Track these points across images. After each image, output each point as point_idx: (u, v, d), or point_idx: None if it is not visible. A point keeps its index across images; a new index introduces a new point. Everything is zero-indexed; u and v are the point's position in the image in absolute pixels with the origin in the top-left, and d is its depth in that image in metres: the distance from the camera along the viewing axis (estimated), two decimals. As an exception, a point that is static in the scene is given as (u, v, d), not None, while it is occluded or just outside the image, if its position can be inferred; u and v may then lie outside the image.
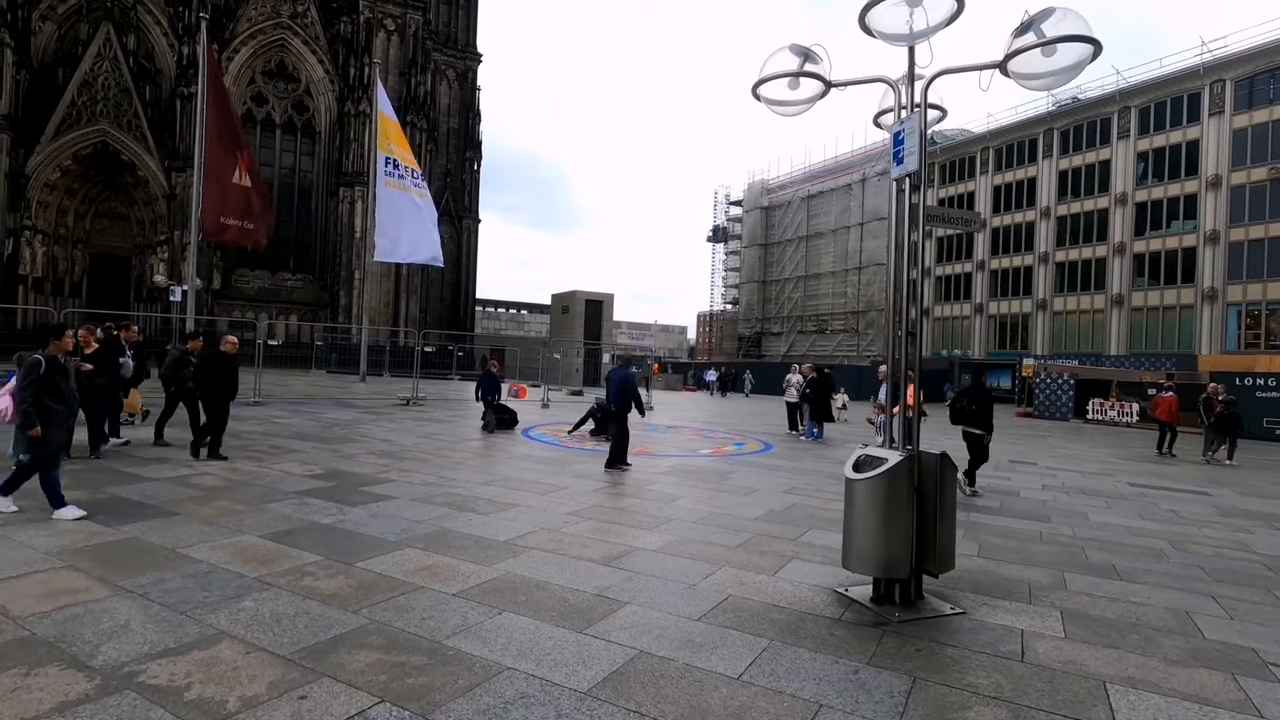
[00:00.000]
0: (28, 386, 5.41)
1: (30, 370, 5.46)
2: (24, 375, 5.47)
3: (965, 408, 8.87)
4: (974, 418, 8.77)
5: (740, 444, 13.01)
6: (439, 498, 6.95)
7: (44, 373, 5.48)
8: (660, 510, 6.91)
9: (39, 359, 5.51)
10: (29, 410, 5.37)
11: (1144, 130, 40.55)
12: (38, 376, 5.44)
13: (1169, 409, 15.19)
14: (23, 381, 5.45)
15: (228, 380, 8.64)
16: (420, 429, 12.66)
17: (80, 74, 31.73)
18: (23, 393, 5.41)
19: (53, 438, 5.52)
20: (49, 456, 5.54)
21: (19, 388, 5.47)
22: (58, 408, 5.54)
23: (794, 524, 6.60)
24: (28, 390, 5.40)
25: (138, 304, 34.42)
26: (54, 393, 5.53)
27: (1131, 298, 40.93)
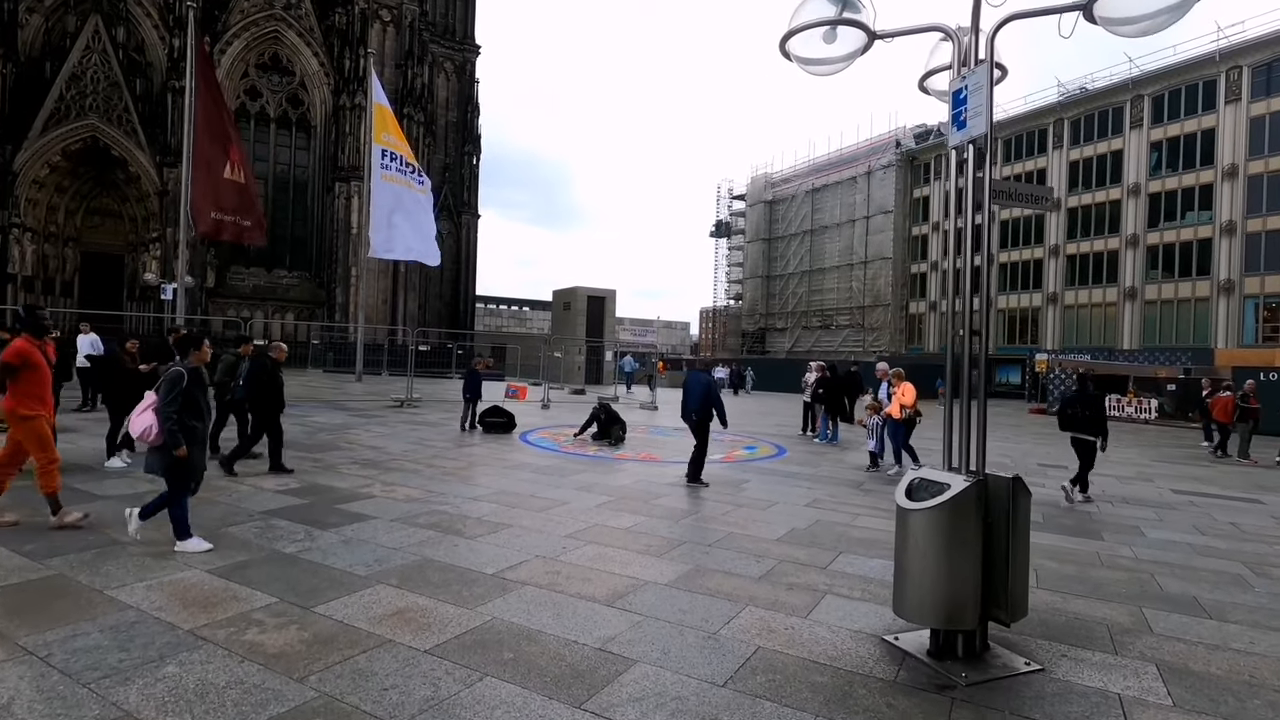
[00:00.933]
0: (172, 402, 4.87)
1: (174, 384, 4.92)
2: (168, 390, 4.91)
3: (1078, 414, 8.64)
4: (1085, 424, 8.54)
5: (752, 447, 12.28)
6: (423, 517, 6.22)
7: (186, 386, 4.95)
8: (671, 530, 6.18)
9: (181, 371, 4.98)
10: (175, 429, 4.85)
11: (1157, 119, 39.63)
12: (181, 391, 4.91)
13: (1225, 409, 14.43)
14: (167, 396, 4.89)
15: (280, 390, 8.14)
16: (412, 434, 11.94)
17: (68, 67, 30.97)
18: (167, 409, 4.85)
19: (195, 459, 5.06)
20: (190, 481, 5.12)
21: (163, 403, 4.90)
22: (198, 425, 5.06)
23: (821, 546, 5.86)
24: (172, 406, 4.86)
25: (130, 303, 33.74)
26: (194, 409, 5.04)
27: (1145, 291, 40.06)
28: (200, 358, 5.27)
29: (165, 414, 4.85)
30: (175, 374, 4.97)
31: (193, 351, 5.22)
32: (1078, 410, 8.65)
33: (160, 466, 4.96)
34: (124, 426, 8.19)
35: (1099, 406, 8.84)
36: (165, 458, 4.91)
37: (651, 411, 19.25)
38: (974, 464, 3.74)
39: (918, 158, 53.45)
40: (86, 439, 9.62)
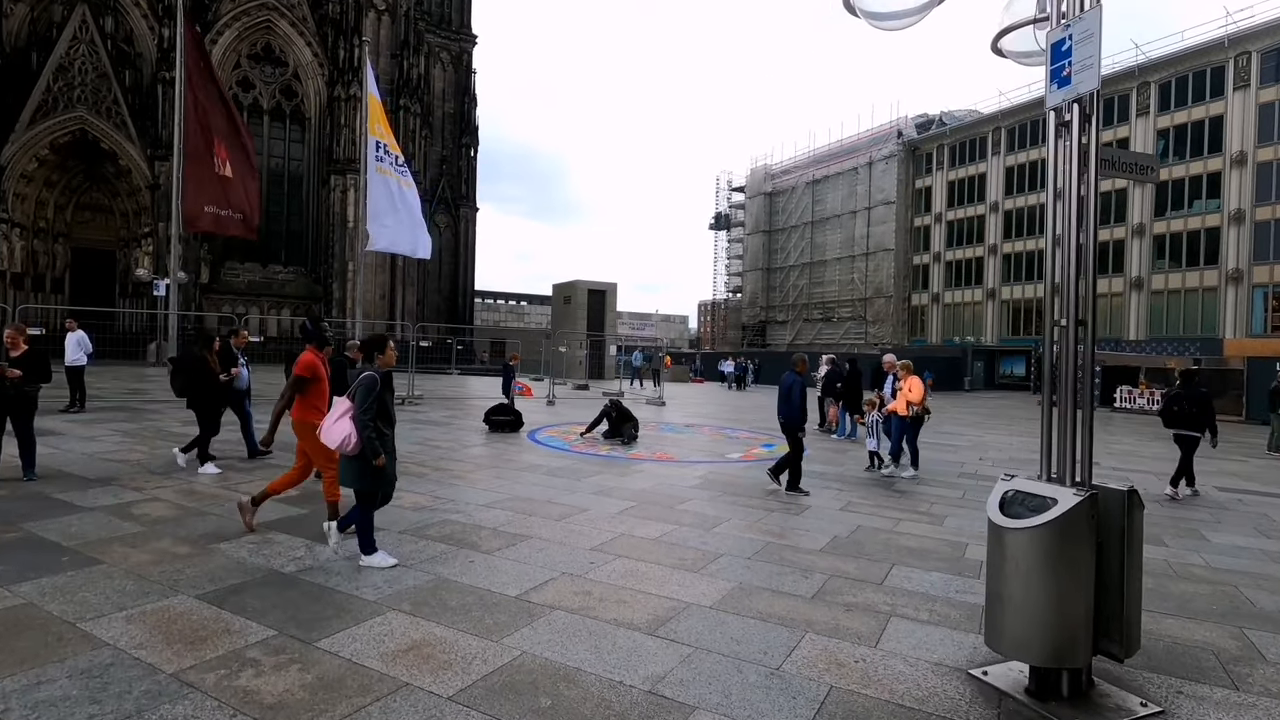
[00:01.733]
0: (369, 409, 4.54)
1: (369, 389, 4.58)
2: (364, 395, 4.57)
3: (1185, 410, 8.59)
4: (1192, 420, 8.53)
5: (770, 445, 11.79)
6: (434, 528, 5.72)
7: (379, 392, 4.63)
8: (704, 541, 5.68)
9: (375, 376, 4.64)
10: (373, 437, 4.54)
11: (1164, 107, 39.11)
12: (376, 396, 4.59)
13: None
14: (363, 403, 4.55)
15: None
16: (415, 434, 11.42)
17: (55, 58, 30.20)
18: (363, 416, 4.52)
19: (390, 468, 4.78)
20: (381, 491, 4.84)
21: (359, 410, 4.55)
22: (389, 433, 4.75)
23: (870, 558, 5.37)
24: (369, 414, 4.54)
25: (123, 299, 33.11)
26: (386, 416, 4.74)
27: (1152, 280, 39.64)
28: (386, 361, 4.85)
29: (362, 421, 4.50)
30: (369, 379, 4.61)
31: (377, 355, 4.82)
32: (1184, 407, 8.67)
33: (354, 476, 4.66)
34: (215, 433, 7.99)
35: (1207, 403, 8.74)
36: (362, 467, 4.59)
37: (659, 407, 18.75)
38: (1080, 474, 3.24)
39: (920, 148, 52.87)
40: (73, 442, 9.11)
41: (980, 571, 4.96)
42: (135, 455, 8.36)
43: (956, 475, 9.62)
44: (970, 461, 11.11)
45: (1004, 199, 47.05)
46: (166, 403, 14.11)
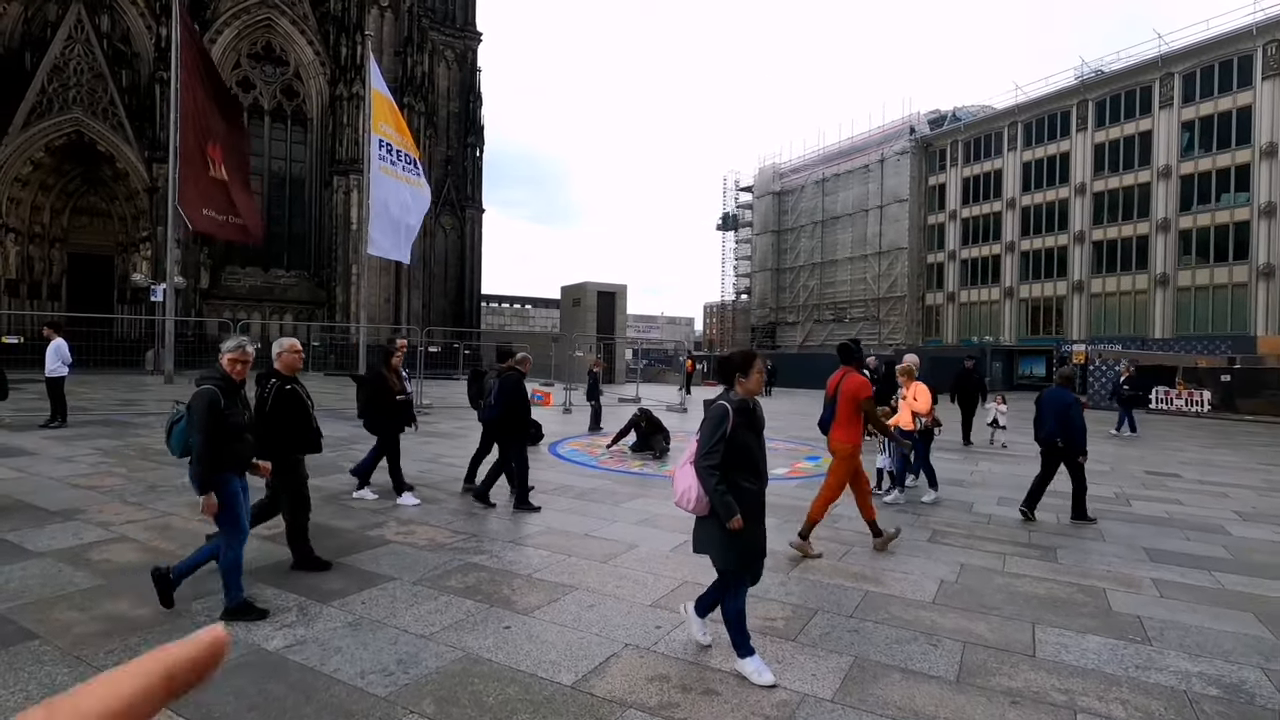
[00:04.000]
0: (713, 451, 3.26)
1: (716, 424, 3.31)
2: (709, 433, 3.31)
3: None
4: None
5: (814, 458, 10.75)
6: (456, 576, 4.69)
7: (732, 430, 3.30)
8: (786, 590, 4.64)
9: (725, 406, 3.37)
10: (722, 491, 3.23)
11: (1189, 98, 37.94)
12: (725, 435, 3.29)
13: None
14: (707, 443, 3.29)
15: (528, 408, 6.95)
16: (426, 449, 10.42)
17: (50, 58, 29.31)
18: (705, 461, 3.27)
19: (755, 536, 3.37)
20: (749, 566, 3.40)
21: (701, 453, 3.30)
22: (750, 486, 3.35)
23: (999, 613, 4.32)
24: (713, 458, 3.26)
25: (121, 305, 32.19)
26: (746, 462, 3.34)
27: (1178, 277, 38.44)
28: (749, 388, 3.49)
29: (704, 469, 3.23)
30: (718, 411, 3.34)
31: (739, 378, 3.49)
32: None
33: (710, 546, 3.35)
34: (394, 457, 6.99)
35: None
36: (716, 533, 3.29)
37: (681, 415, 17.71)
38: None
39: (933, 144, 51.79)
40: (44, 464, 8.11)
41: (1146, 632, 3.92)
42: (110, 480, 7.36)
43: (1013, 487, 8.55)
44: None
45: (1021, 195, 45.91)
46: (157, 415, 13.15)
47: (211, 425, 3.86)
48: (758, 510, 3.36)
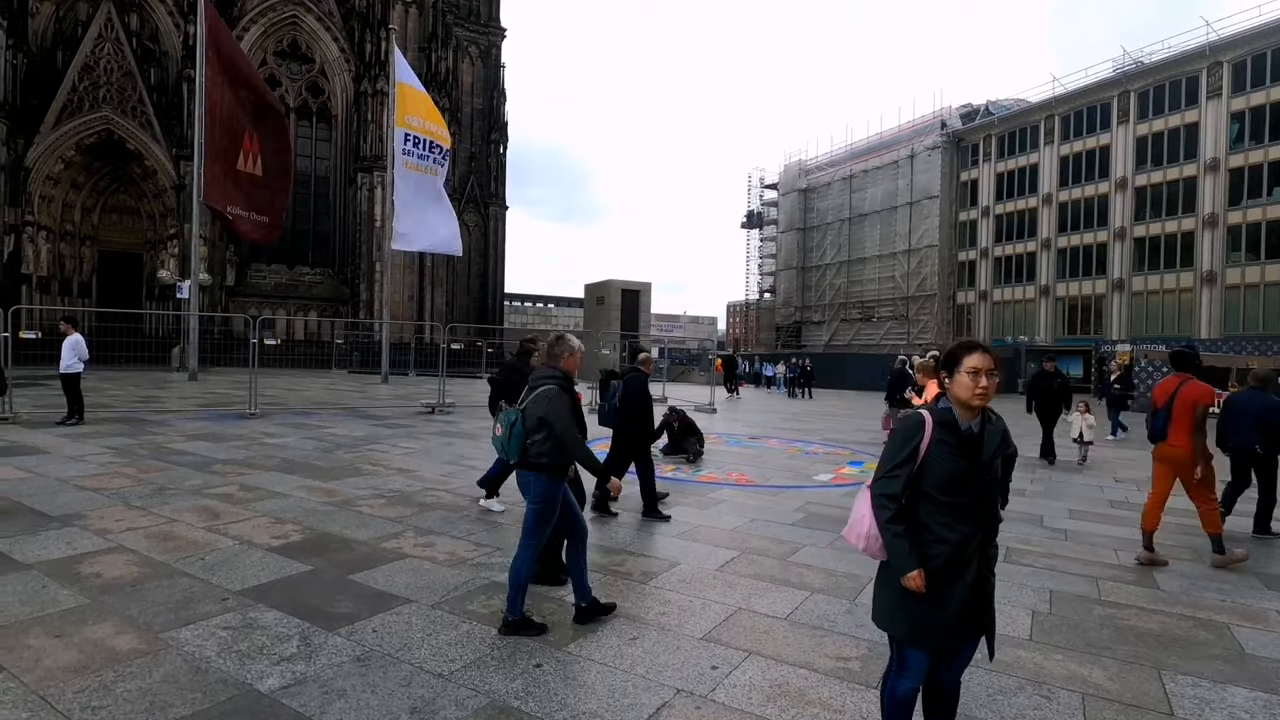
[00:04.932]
0: (892, 477, 2.35)
1: (906, 438, 2.38)
2: (892, 451, 2.39)
3: None
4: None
5: (857, 463, 10.10)
6: (479, 597, 4.17)
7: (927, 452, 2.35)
8: (856, 621, 4.04)
9: (920, 416, 2.40)
10: (897, 535, 2.33)
11: (1239, 88, 36.34)
12: (915, 455, 2.35)
13: None
14: (888, 465, 2.38)
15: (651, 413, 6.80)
16: (448, 449, 9.95)
17: (81, 57, 29.58)
18: (883, 489, 2.37)
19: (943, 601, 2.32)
20: (927, 637, 2.36)
21: (878, 477, 2.41)
22: (945, 534, 2.32)
23: (1111, 653, 3.67)
24: (892, 485, 2.35)
25: (149, 302, 32.46)
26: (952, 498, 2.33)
27: (1226, 274, 36.85)
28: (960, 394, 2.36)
29: (880, 500, 2.36)
30: (912, 421, 2.40)
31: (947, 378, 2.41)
32: None
33: (877, 596, 2.50)
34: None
35: None
36: (886, 584, 2.43)
37: (710, 415, 17.12)
38: None
39: (965, 139, 50.46)
40: (53, 463, 7.78)
41: (1317, 691, 3.26)
42: (118, 481, 6.98)
43: (1083, 498, 7.83)
44: (1095, 482, 9.29)
45: (1058, 190, 44.46)
46: (176, 413, 12.90)
47: (576, 424, 3.80)
48: (957, 567, 2.30)
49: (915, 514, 2.36)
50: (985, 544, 2.36)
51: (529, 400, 3.71)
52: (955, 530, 2.31)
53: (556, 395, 3.67)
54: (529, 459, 3.66)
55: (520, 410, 3.71)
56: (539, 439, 3.63)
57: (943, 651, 2.39)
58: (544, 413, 3.62)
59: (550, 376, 3.79)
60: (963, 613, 2.31)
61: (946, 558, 2.30)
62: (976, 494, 2.33)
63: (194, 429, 10.77)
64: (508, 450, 3.67)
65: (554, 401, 3.65)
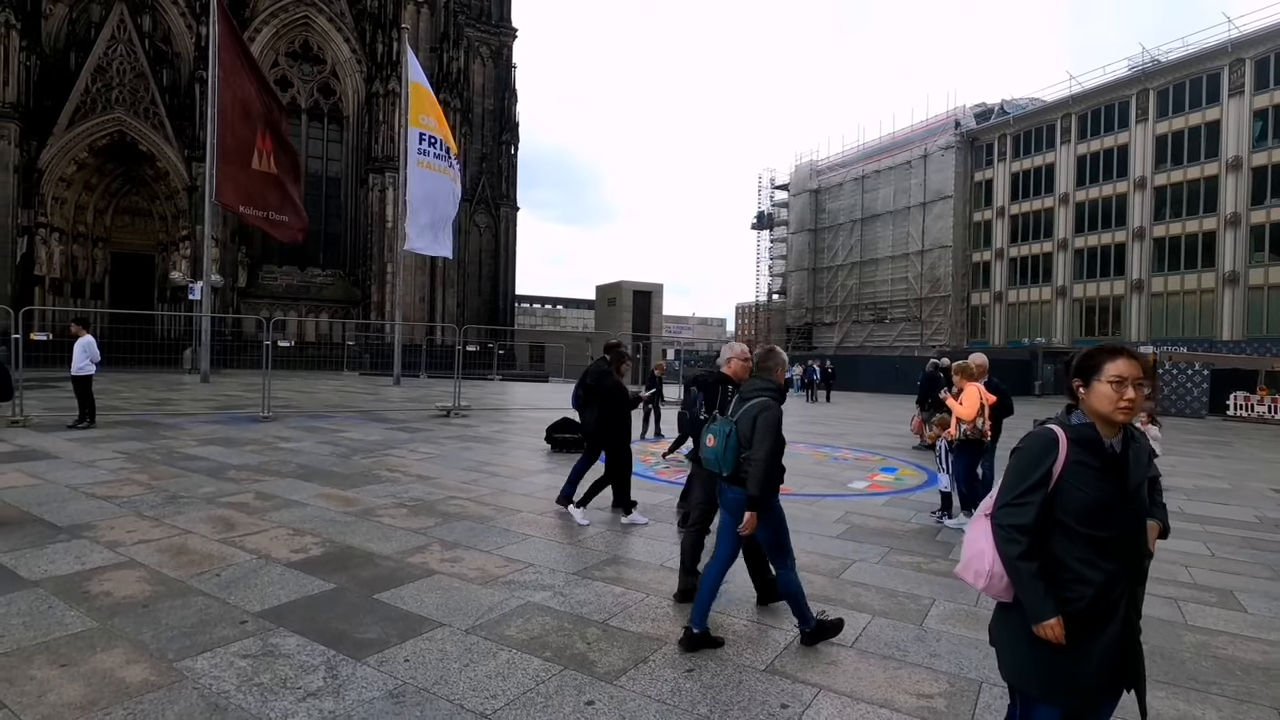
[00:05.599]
0: (1020, 500, 2.00)
1: (1036, 459, 2.02)
2: (1017, 472, 2.04)
3: None
4: None
5: (890, 469, 9.73)
6: (515, 621, 3.85)
7: (1062, 475, 1.99)
8: (928, 650, 3.70)
9: (1052, 432, 2.03)
10: (1031, 575, 1.97)
11: (1262, 85, 35.69)
12: (1048, 480, 2.00)
13: None
14: (1014, 489, 2.02)
15: None
16: (467, 455, 9.66)
17: (94, 59, 29.56)
18: (1007, 518, 2.02)
19: (1086, 654, 1.96)
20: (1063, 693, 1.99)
21: (1000, 503, 2.05)
22: (1088, 573, 1.95)
23: (1224, 692, 3.32)
24: (1019, 516, 2.00)
25: (161, 304, 32.41)
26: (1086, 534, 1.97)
27: (1249, 275, 36.17)
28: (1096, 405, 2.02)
29: (1004, 530, 2.00)
30: (1042, 438, 2.03)
31: (1084, 385, 2.06)
32: None
33: (1000, 642, 2.13)
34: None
35: None
36: (1013, 629, 2.05)
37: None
38: None
39: (979, 138, 49.92)
40: (63, 469, 7.53)
41: None
42: (129, 489, 6.71)
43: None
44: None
45: (1075, 190, 43.85)
46: (189, 416, 12.68)
47: (781, 441, 3.64)
48: (1101, 613, 1.94)
49: (1049, 549, 1.99)
50: (1134, 584, 2.01)
51: (742, 412, 3.58)
52: (1098, 568, 1.95)
53: (768, 407, 3.56)
54: (742, 473, 3.52)
55: (733, 422, 3.56)
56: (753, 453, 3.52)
57: (1081, 711, 2.02)
58: (760, 425, 3.52)
59: (765, 389, 3.67)
60: (1108, 666, 1.96)
61: (1089, 601, 1.94)
62: (1123, 525, 1.98)
63: (207, 433, 10.53)
64: (721, 463, 3.54)
65: (764, 413, 3.53)
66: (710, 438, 3.62)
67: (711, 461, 3.61)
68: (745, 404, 3.62)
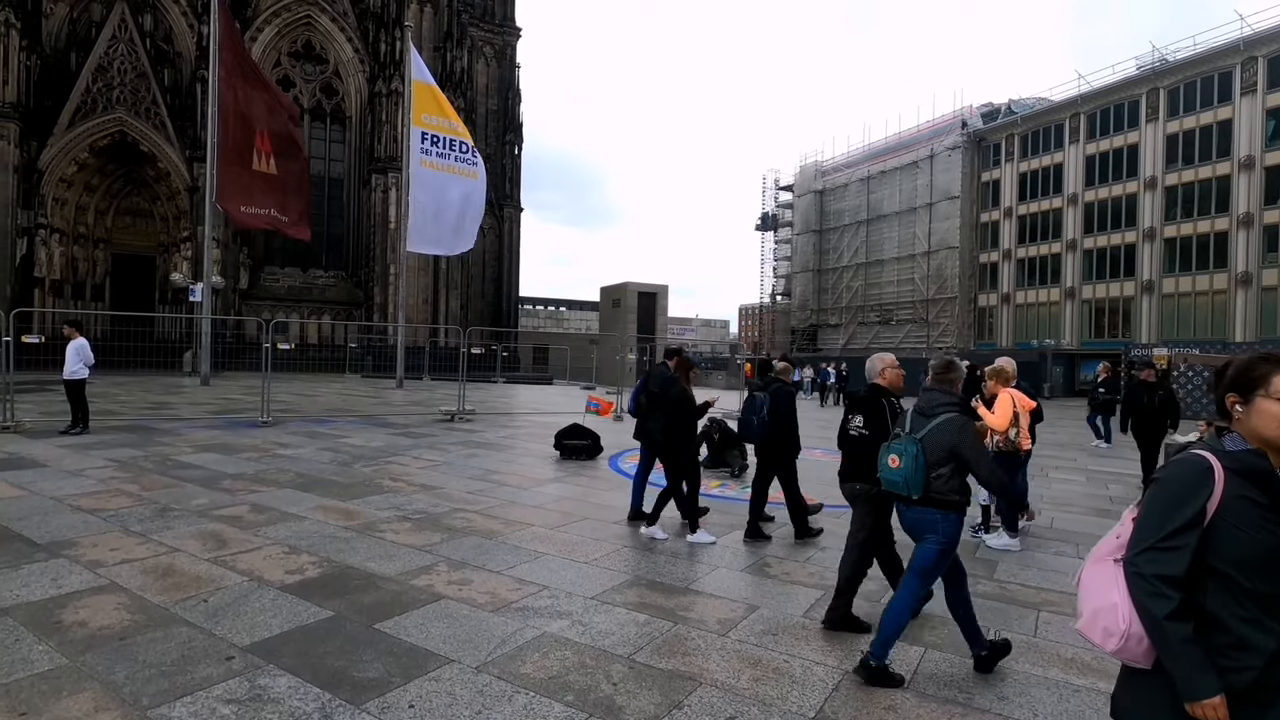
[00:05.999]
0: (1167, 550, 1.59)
1: (1186, 493, 1.61)
2: (1165, 509, 1.63)
3: None
4: None
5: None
6: (532, 655, 3.47)
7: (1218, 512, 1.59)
8: (992, 689, 3.31)
9: (1205, 460, 1.63)
10: (1182, 641, 1.55)
11: (1275, 83, 35.25)
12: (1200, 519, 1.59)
13: None
14: (1161, 526, 1.61)
15: None
16: (473, 462, 9.28)
17: (94, 58, 29.28)
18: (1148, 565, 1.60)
19: None
20: None
21: (1137, 545, 1.65)
22: (1256, 639, 1.55)
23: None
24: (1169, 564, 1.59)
25: (162, 306, 32.08)
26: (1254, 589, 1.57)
27: (1262, 276, 35.70)
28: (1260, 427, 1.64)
29: (1145, 581, 1.59)
30: (1193, 467, 1.64)
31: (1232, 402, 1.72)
32: None
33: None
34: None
35: None
36: (1156, 705, 1.65)
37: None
38: None
39: (986, 138, 49.49)
40: (50, 479, 7.17)
41: None
42: (117, 500, 6.35)
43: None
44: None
45: (1084, 190, 43.40)
46: (187, 421, 12.33)
47: None
48: (1271, 689, 1.57)
49: (1200, 604, 1.60)
50: None
51: (929, 429, 3.34)
52: (1269, 632, 1.55)
53: (967, 424, 3.39)
54: (933, 494, 3.30)
55: (918, 440, 3.32)
56: (945, 473, 3.29)
57: None
58: (955, 444, 3.29)
59: (951, 403, 3.47)
60: None
61: (1258, 674, 1.54)
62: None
63: (204, 438, 10.17)
64: (910, 485, 3.29)
65: (964, 431, 3.34)
66: (893, 458, 3.37)
67: (897, 484, 3.35)
68: (931, 420, 3.36)
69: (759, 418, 5.93)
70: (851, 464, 4.25)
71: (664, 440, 5.99)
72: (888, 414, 4.06)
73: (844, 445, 4.37)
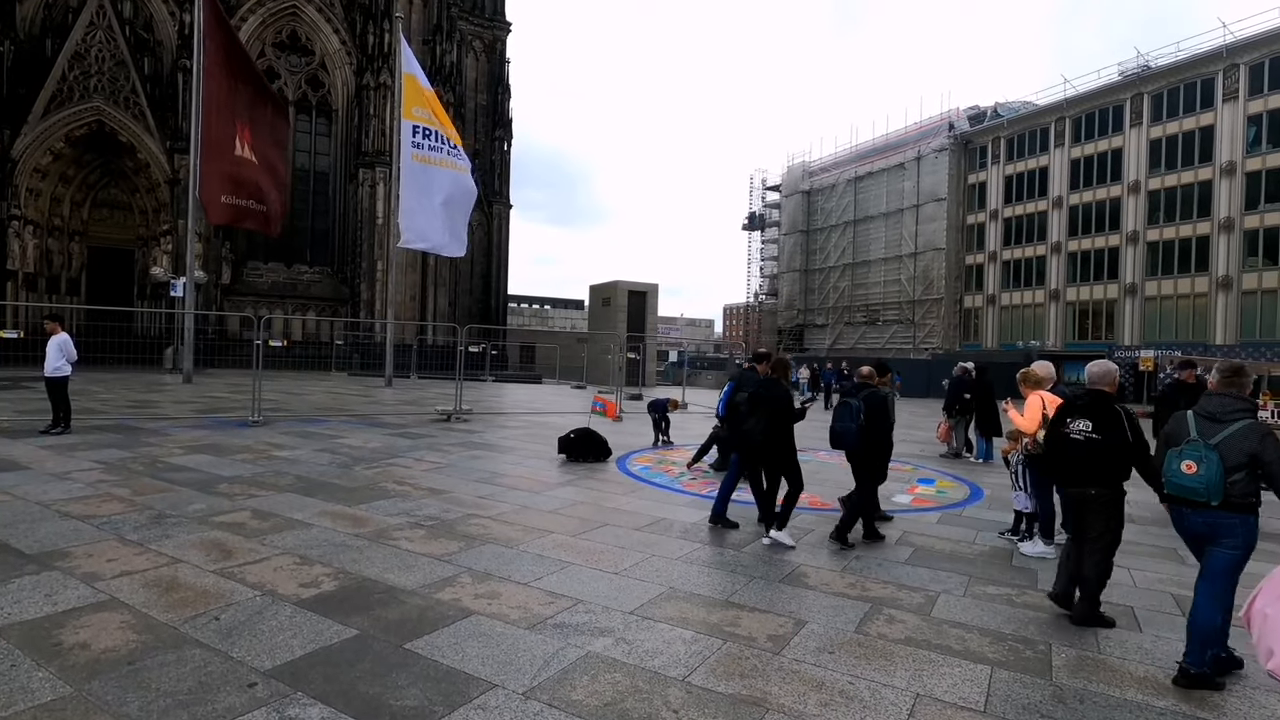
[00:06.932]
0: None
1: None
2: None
3: None
4: None
5: (927, 480, 9.19)
6: (580, 679, 3.23)
7: None
8: (1069, 710, 3.13)
9: None
10: None
11: (1256, 90, 35.80)
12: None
13: None
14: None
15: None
16: (477, 464, 8.99)
17: (71, 45, 28.37)
18: None
19: None
20: None
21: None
22: None
23: None
24: None
25: (141, 301, 31.25)
26: None
27: (1242, 280, 36.28)
28: None
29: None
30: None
31: None
32: None
33: None
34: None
35: None
36: None
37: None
38: None
39: (973, 141, 49.89)
40: (34, 482, 6.79)
41: None
42: (109, 506, 6.00)
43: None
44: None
45: (1069, 193, 43.87)
46: (173, 421, 11.89)
47: None
48: None
49: None
50: None
51: (1226, 435, 3.38)
52: None
53: (1269, 431, 3.38)
54: (1233, 499, 3.34)
55: (1214, 446, 3.37)
56: (1240, 478, 3.34)
57: None
58: (1257, 450, 3.31)
59: (1244, 409, 3.50)
60: None
61: None
62: None
63: (193, 439, 9.77)
64: (1211, 491, 3.34)
65: (1268, 439, 3.34)
66: (1189, 464, 3.41)
67: (1197, 490, 3.37)
68: (1225, 426, 3.40)
69: (856, 424, 5.81)
70: (1074, 468, 4.19)
71: (764, 442, 5.87)
72: (1125, 420, 4.06)
73: (1061, 448, 4.28)
